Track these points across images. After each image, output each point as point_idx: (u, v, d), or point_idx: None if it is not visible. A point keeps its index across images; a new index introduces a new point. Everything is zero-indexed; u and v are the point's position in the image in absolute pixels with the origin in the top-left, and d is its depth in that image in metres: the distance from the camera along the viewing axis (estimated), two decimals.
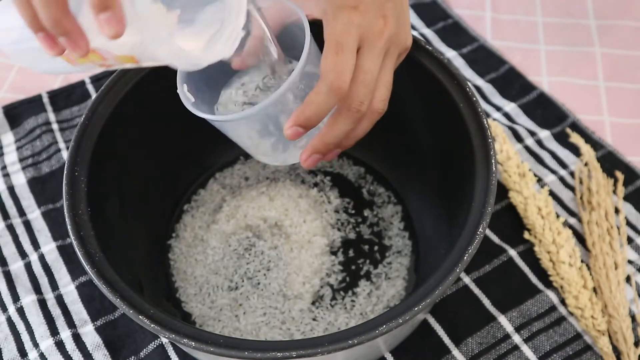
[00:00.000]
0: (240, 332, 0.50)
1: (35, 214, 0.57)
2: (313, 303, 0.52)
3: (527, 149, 0.60)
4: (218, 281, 0.53)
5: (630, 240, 0.54)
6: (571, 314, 0.50)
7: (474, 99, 0.44)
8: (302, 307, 0.51)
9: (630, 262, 0.53)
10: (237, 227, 0.55)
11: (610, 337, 0.49)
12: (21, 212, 0.58)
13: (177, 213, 0.57)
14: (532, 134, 0.61)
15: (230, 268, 0.54)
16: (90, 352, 0.49)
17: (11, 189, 0.59)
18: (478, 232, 0.38)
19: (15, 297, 0.52)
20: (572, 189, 0.57)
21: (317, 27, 0.39)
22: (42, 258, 0.55)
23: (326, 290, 0.52)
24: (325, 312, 0.51)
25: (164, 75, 0.48)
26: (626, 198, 0.56)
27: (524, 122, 0.62)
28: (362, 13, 0.38)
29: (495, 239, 0.54)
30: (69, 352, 0.49)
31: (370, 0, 0.38)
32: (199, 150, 0.57)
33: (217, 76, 0.43)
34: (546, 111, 0.63)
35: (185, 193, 0.58)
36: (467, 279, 0.52)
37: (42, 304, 0.52)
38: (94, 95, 0.62)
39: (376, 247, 0.54)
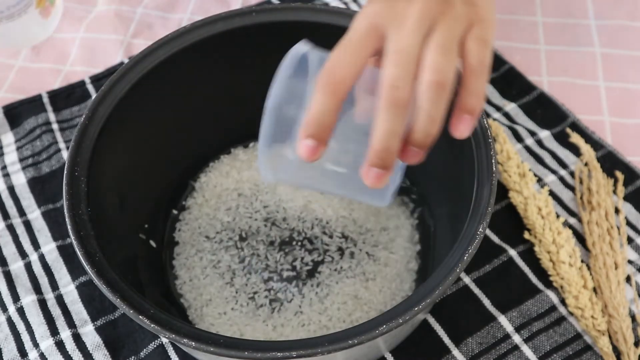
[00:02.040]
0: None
1: (35, 214, 0.57)
2: None
3: (527, 149, 0.60)
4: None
5: (630, 240, 0.54)
6: (571, 314, 0.50)
7: None
8: None
9: (630, 262, 0.53)
10: None
11: (610, 337, 0.49)
12: (21, 212, 0.58)
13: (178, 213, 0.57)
14: (532, 134, 0.61)
15: None
16: (90, 352, 0.49)
17: (11, 189, 0.59)
18: (478, 232, 0.38)
19: (15, 297, 0.52)
20: (572, 189, 0.57)
21: None
22: (42, 258, 0.55)
23: None
24: None
25: (164, 76, 0.49)
26: (626, 198, 0.56)
27: (524, 122, 0.62)
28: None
29: (495, 239, 0.54)
30: (69, 352, 0.49)
31: None
32: (199, 150, 0.57)
33: None
34: (546, 111, 0.63)
35: (186, 192, 0.58)
36: (467, 279, 0.52)
37: (42, 304, 0.52)
38: (94, 95, 0.62)
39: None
